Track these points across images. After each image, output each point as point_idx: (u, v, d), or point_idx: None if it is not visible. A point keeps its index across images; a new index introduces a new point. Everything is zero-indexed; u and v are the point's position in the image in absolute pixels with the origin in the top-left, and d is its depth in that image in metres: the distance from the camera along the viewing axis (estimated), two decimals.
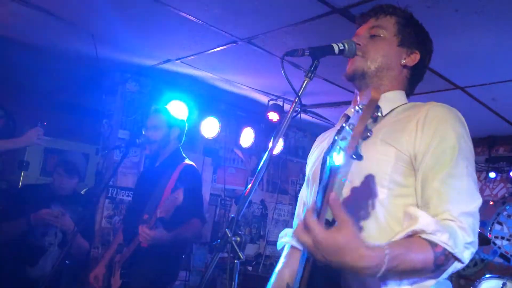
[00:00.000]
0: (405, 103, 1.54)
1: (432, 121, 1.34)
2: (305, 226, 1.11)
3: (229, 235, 1.33)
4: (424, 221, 1.18)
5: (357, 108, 1.04)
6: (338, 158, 1.06)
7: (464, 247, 1.19)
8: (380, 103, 1.47)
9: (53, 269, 2.90)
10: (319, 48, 1.46)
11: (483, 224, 5.36)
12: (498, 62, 3.13)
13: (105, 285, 3.02)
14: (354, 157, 1.02)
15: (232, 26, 3.01)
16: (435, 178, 1.28)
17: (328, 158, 1.10)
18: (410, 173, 1.34)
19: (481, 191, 5.39)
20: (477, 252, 5.32)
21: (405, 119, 1.41)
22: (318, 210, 1.13)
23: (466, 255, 1.20)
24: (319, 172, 1.54)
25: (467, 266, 5.45)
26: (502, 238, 5.23)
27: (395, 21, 1.56)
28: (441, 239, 1.16)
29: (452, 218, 1.21)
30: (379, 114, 1.02)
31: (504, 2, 2.32)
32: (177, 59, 3.83)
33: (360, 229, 1.33)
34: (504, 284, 3.50)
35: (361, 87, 1.57)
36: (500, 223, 5.28)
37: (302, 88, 1.47)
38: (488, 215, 5.34)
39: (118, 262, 2.98)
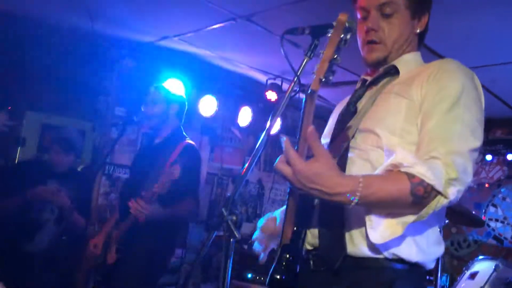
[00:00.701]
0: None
1: (439, 72, 1.36)
2: (286, 158, 1.17)
3: (225, 214, 1.33)
4: (400, 155, 1.20)
5: (328, 33, 1.11)
6: (313, 84, 1.13)
7: (447, 182, 1.17)
8: (398, 65, 1.50)
9: (49, 245, 2.92)
10: (319, 27, 1.43)
11: (478, 206, 5.40)
12: (498, 44, 3.11)
13: (102, 255, 3.05)
14: (323, 79, 1.08)
15: (231, 3, 2.97)
16: (429, 121, 1.29)
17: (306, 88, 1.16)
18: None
19: (477, 173, 5.42)
20: (470, 234, 5.42)
21: (417, 74, 1.43)
22: (296, 142, 1.20)
23: (451, 191, 1.17)
24: (331, 132, 1.57)
25: (461, 247, 5.51)
26: (496, 220, 5.28)
27: None
28: (419, 170, 1.16)
29: (438, 156, 1.21)
30: (348, 37, 1.09)
31: None
32: (174, 36, 3.79)
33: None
34: (496, 266, 3.54)
35: (380, 66, 1.55)
36: (494, 206, 5.32)
37: (301, 68, 1.45)
38: (483, 197, 5.38)
39: (114, 238, 3.00)
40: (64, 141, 3.46)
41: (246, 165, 1.44)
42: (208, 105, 4.68)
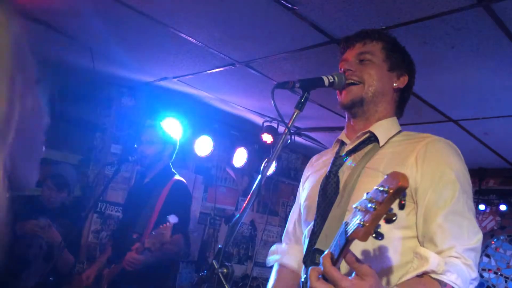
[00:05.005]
0: (399, 131, 1.57)
1: (432, 156, 1.38)
2: (326, 276, 1.13)
3: (216, 267, 1.32)
4: (434, 262, 1.24)
5: (381, 188, 1.00)
6: (356, 231, 1.04)
7: (469, 283, 1.27)
8: (376, 132, 1.51)
9: (36, 284, 2.86)
10: (309, 81, 1.48)
11: None
12: (491, 98, 3.17)
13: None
14: (374, 236, 1.01)
15: (230, 50, 3.04)
16: (438, 214, 1.32)
17: (345, 224, 1.10)
18: (410, 205, 1.37)
19: None
20: None
21: (403, 151, 1.44)
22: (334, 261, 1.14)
23: None
24: (316, 200, 1.55)
25: None
26: (490, 270, 5.23)
27: (381, 46, 1.59)
28: (450, 279, 1.23)
29: (457, 255, 1.27)
30: (404, 201, 1.00)
31: (499, 42, 2.37)
32: (174, 78, 3.84)
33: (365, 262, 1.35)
34: None
35: (356, 115, 1.58)
36: (488, 256, 5.28)
37: (292, 120, 1.48)
38: None
39: (106, 277, 2.95)
40: (58, 178, 3.43)
41: (238, 216, 1.44)
42: (204, 145, 4.69)
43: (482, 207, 5.20)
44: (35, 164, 0.73)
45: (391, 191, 0.98)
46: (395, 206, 1.00)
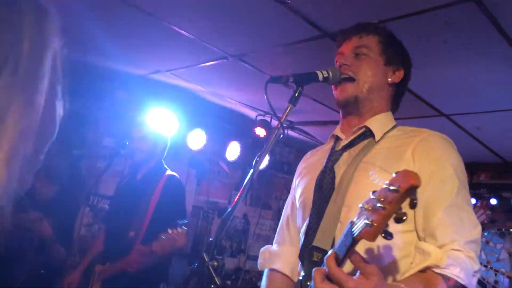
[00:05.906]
0: (395, 125, 1.56)
1: (429, 150, 1.38)
2: (331, 277, 1.10)
3: (206, 260, 1.32)
4: (437, 257, 1.23)
5: (391, 187, 0.98)
6: (364, 231, 1.01)
7: (472, 275, 1.25)
8: (372, 127, 1.50)
9: (28, 278, 2.85)
10: (303, 76, 1.46)
11: None
12: (483, 93, 3.19)
13: None
14: (384, 235, 0.99)
15: (223, 43, 3.03)
16: (439, 209, 1.31)
17: (351, 224, 1.08)
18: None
19: None
20: None
21: (401, 146, 1.43)
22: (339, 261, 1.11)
23: (474, 282, 1.27)
24: (311, 196, 1.53)
25: None
26: (480, 264, 5.28)
27: (378, 40, 1.57)
28: (453, 272, 1.22)
29: (460, 248, 1.26)
30: (416, 200, 0.97)
31: (491, 37, 2.38)
32: (167, 71, 3.83)
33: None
34: None
35: (352, 112, 1.57)
36: None
37: (285, 115, 1.46)
38: None
39: (98, 274, 2.92)
40: (50, 171, 3.41)
41: (229, 210, 1.44)
42: (197, 139, 4.68)
43: (473, 201, 5.24)
44: (33, 171, 0.75)
45: (402, 190, 0.96)
46: (405, 205, 0.98)
